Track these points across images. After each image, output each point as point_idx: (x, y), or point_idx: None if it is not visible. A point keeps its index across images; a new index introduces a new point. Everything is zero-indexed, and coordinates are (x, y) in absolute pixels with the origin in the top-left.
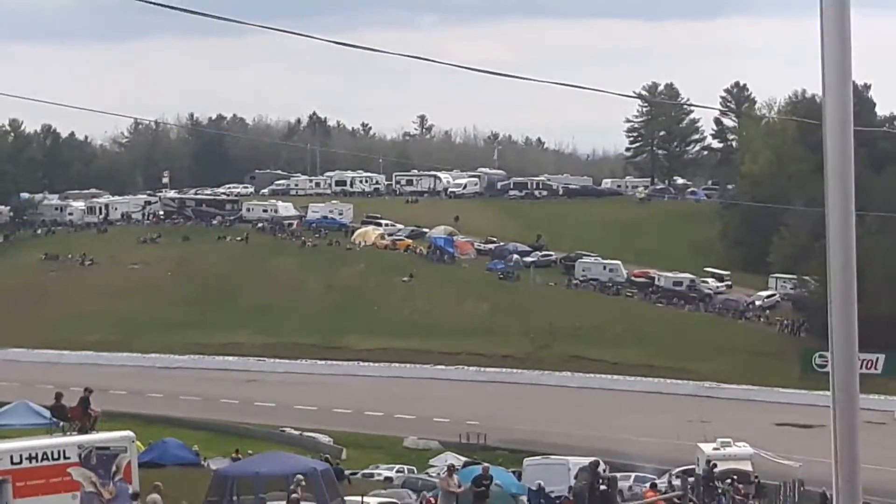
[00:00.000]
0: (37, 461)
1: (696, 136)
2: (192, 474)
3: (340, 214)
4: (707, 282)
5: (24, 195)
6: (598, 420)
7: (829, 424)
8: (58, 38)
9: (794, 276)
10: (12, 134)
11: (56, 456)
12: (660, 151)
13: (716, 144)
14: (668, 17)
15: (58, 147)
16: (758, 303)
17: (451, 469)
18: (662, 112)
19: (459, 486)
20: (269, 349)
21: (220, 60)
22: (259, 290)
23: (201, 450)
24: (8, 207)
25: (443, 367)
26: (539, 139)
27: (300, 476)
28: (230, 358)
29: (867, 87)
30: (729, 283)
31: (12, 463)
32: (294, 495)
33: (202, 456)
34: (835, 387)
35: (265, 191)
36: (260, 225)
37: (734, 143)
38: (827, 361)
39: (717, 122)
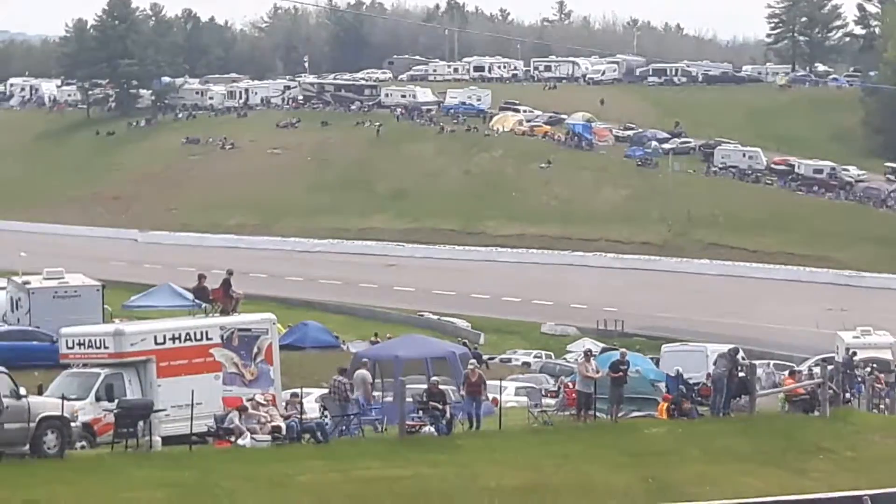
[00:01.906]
0: (180, 342)
1: (839, 23)
2: (332, 357)
3: (478, 100)
4: (848, 169)
5: (165, 79)
6: (736, 308)
7: None
8: None
9: None
10: (153, 18)
11: (199, 337)
12: (801, 38)
13: (858, 31)
14: None
15: (198, 31)
16: None
17: (589, 354)
18: None
19: (597, 372)
20: (407, 234)
21: None
22: (397, 175)
23: (340, 333)
24: (150, 92)
25: (581, 253)
26: (678, 25)
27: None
28: (369, 242)
29: None
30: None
31: (156, 343)
32: (434, 378)
33: (341, 339)
34: None
35: (403, 76)
36: (398, 110)
37: (877, 30)
38: None
39: (860, 7)
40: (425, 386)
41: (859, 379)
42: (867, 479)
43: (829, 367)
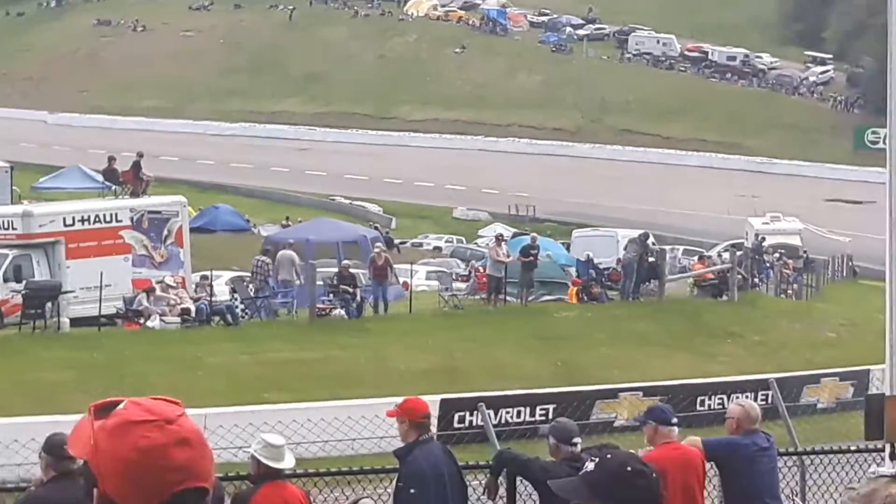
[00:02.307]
0: (89, 224)
1: None
2: (242, 240)
3: None
4: (761, 56)
5: None
6: (647, 193)
7: (880, 200)
8: None
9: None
10: None
11: (108, 219)
12: None
13: None
14: None
15: None
16: (811, 79)
17: (500, 239)
18: None
19: (508, 256)
20: (319, 118)
21: None
22: (310, 59)
23: (252, 217)
24: None
25: (494, 138)
26: None
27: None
28: (281, 126)
29: None
30: (830, 68)
31: (65, 225)
32: (345, 262)
33: (252, 222)
34: (891, 162)
35: None
36: None
37: None
38: (880, 138)
39: None
40: (336, 270)
41: (768, 264)
42: (774, 362)
43: (738, 253)
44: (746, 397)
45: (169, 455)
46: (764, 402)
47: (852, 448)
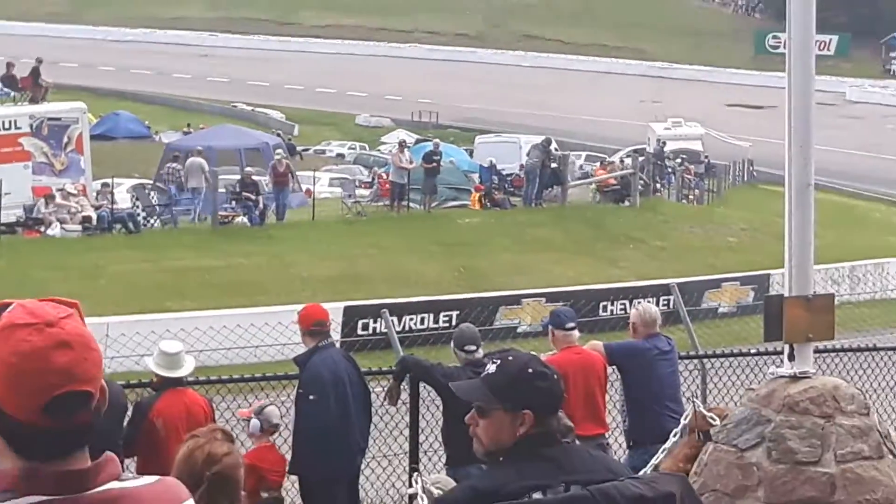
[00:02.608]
0: None
1: None
2: (144, 147)
3: None
4: None
5: None
6: (550, 100)
7: (780, 105)
8: None
9: None
10: None
11: (7, 126)
12: None
13: None
14: None
15: None
16: None
17: (403, 145)
18: None
19: (411, 163)
20: (221, 24)
21: None
22: None
23: (153, 123)
24: None
25: (396, 44)
26: None
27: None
28: (181, 32)
29: None
30: None
31: None
32: (247, 169)
33: (153, 129)
34: (791, 67)
35: None
36: None
37: None
38: (780, 42)
39: None
40: (238, 176)
41: (669, 170)
42: (675, 267)
43: (640, 158)
44: (648, 302)
45: (48, 358)
46: (665, 307)
47: (752, 351)
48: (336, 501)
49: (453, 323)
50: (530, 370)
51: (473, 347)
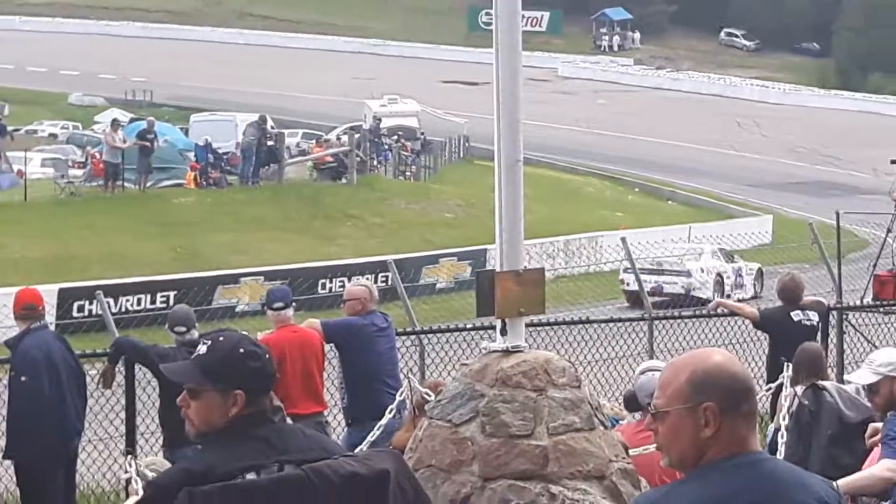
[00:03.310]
0: None
1: None
2: None
3: None
4: None
5: None
6: (266, 77)
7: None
8: None
9: None
10: None
11: None
12: None
13: None
14: None
15: None
16: None
17: (116, 124)
18: None
19: (124, 142)
20: None
21: None
22: None
23: None
24: None
25: (109, 22)
26: None
27: None
28: None
29: None
30: None
31: None
32: None
33: None
34: (498, 44)
35: None
36: None
37: None
38: (493, 19)
39: None
40: None
41: (386, 146)
42: (393, 244)
43: (357, 136)
44: (367, 279)
45: None
46: (384, 284)
47: (468, 326)
48: (54, 486)
49: (171, 303)
50: (241, 350)
51: (184, 329)
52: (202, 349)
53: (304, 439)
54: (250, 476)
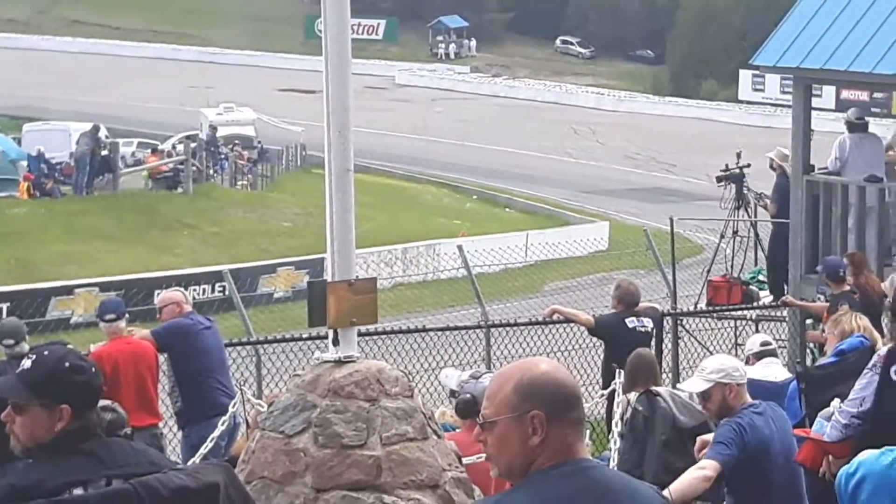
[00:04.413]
0: None
1: None
2: None
3: None
4: None
5: None
6: (99, 86)
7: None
8: None
9: None
10: None
11: None
12: None
13: None
14: None
15: None
16: None
17: None
18: None
19: None
20: None
21: None
22: None
23: None
24: None
25: None
26: None
27: None
28: None
29: None
30: None
31: None
32: None
33: None
34: (327, 52)
35: None
36: None
37: None
38: (323, 28)
39: None
40: None
41: (223, 155)
42: (230, 253)
43: (193, 145)
44: (203, 290)
45: None
46: (221, 294)
47: (304, 336)
48: None
49: (3, 316)
50: (67, 364)
51: (12, 341)
52: (27, 363)
53: (132, 453)
54: (77, 491)
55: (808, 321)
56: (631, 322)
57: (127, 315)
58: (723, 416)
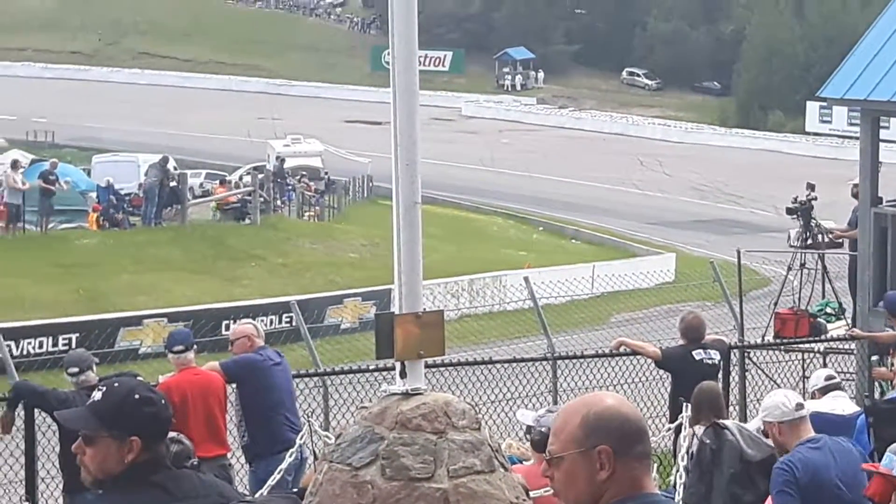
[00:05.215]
0: None
1: None
2: None
3: None
4: None
5: None
6: (168, 118)
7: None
8: None
9: None
10: None
11: None
12: None
13: None
14: None
15: None
16: (327, 0)
17: (16, 165)
18: None
19: (24, 184)
20: None
21: None
22: None
23: None
24: None
25: (9, 63)
26: None
27: None
28: None
29: None
30: None
31: None
32: None
33: None
34: (395, 85)
35: None
36: None
37: None
38: (391, 60)
39: None
40: None
41: (290, 187)
42: (297, 284)
43: (260, 176)
44: (271, 320)
45: None
46: (288, 325)
47: (371, 367)
48: None
49: (73, 346)
50: (136, 396)
51: (77, 370)
52: (97, 395)
53: (200, 485)
54: None
55: (874, 357)
56: (698, 354)
57: (195, 346)
58: (781, 451)
